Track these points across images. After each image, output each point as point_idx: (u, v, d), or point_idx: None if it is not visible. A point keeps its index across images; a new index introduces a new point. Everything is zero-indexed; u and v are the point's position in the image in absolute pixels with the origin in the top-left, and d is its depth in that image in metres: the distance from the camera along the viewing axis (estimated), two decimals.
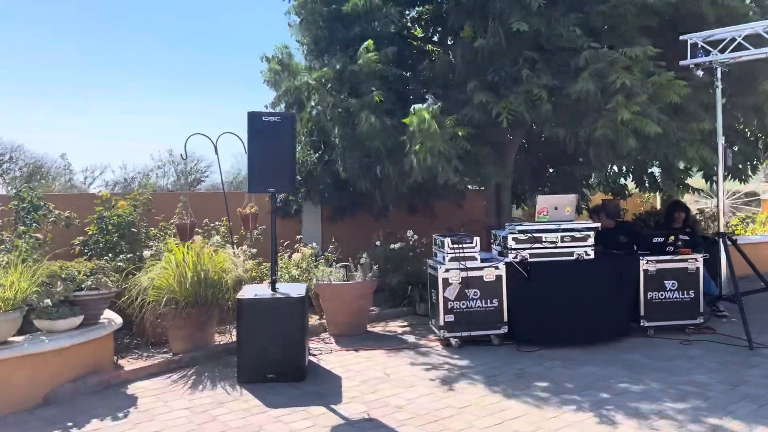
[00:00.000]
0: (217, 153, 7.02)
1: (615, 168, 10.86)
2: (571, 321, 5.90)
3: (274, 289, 5.35)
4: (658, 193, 11.11)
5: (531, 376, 5.06)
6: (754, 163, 8.47)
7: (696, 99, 6.74)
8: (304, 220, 9.32)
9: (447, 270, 5.96)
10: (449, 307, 5.96)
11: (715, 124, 6.42)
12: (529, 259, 6.04)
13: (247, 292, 5.33)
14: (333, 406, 4.50)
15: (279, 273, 7.05)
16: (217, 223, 7.39)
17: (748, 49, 6.17)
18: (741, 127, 8.33)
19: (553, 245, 6.07)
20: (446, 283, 5.96)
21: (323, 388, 4.92)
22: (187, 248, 5.95)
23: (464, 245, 6.00)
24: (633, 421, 4.07)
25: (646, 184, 10.61)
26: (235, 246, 6.97)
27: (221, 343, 6.15)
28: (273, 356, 5.08)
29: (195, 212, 6.90)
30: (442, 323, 5.96)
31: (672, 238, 6.26)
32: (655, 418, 4.10)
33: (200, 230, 7.01)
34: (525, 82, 6.58)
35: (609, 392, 4.63)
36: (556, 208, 6.07)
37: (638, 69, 6.28)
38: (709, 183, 9.23)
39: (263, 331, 5.07)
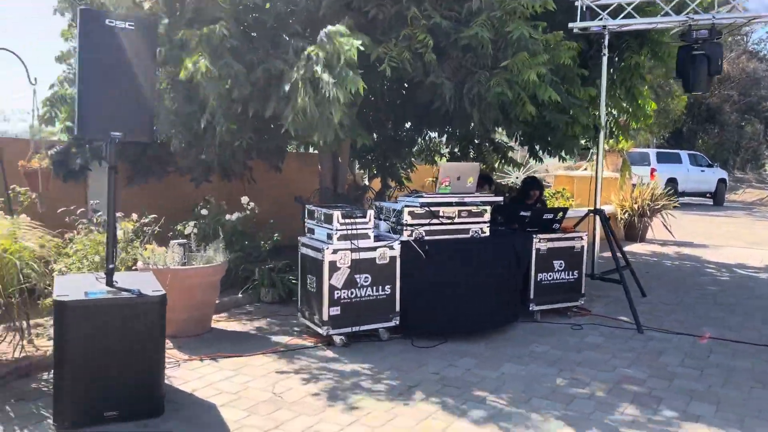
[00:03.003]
0: None
1: (435, 135, 10.47)
2: (470, 308, 5.11)
3: (111, 283, 3.59)
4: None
5: (455, 383, 4.13)
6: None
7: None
8: (91, 182, 7.14)
9: (335, 251, 4.72)
10: (336, 297, 4.74)
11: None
12: (425, 237, 5.09)
13: (66, 287, 3.49)
14: None
15: (84, 254, 5.11)
16: None
17: (634, 17, 5.92)
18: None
19: (450, 221, 5.20)
20: (333, 267, 4.72)
21: (200, 429, 3.40)
22: None
23: (357, 220, 4.81)
24: None
25: (471, 155, 10.41)
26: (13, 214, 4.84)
27: (3, 361, 4.13)
28: (115, 385, 3.39)
29: None
30: (326, 317, 4.72)
31: (561, 214, 5.83)
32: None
33: None
34: (411, 24, 5.54)
35: (559, 401, 3.91)
36: (458, 178, 5.18)
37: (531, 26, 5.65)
38: (534, 159, 9.22)
39: (100, 349, 3.34)
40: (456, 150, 10.19)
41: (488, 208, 5.35)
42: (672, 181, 18.80)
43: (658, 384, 4.22)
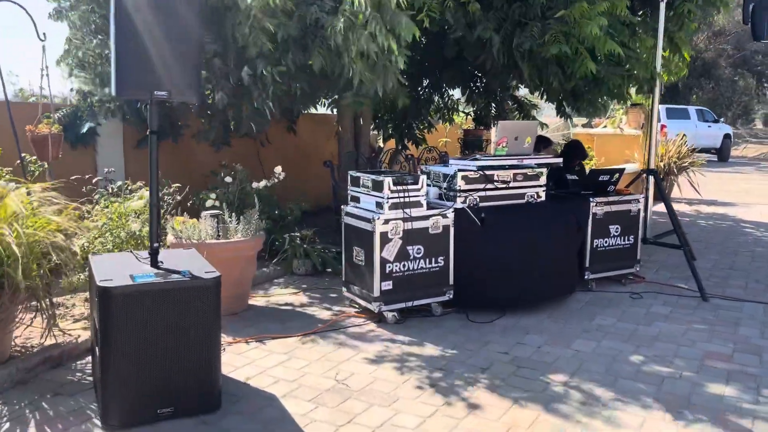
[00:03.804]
0: None
1: (454, 93, 9.96)
2: (530, 279, 4.73)
3: (156, 264, 3.17)
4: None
5: (530, 365, 3.79)
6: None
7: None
8: (100, 147, 6.64)
9: (386, 221, 4.31)
10: (387, 270, 4.35)
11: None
12: (480, 204, 4.69)
13: (108, 270, 3.07)
14: None
15: (108, 228, 4.68)
16: None
17: None
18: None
19: (505, 185, 4.79)
20: (385, 238, 4.32)
21: (265, 426, 3.03)
22: None
23: (408, 187, 4.39)
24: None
25: (493, 113, 9.92)
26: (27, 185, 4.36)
27: (30, 348, 3.73)
28: (168, 378, 3.00)
29: None
30: (377, 293, 4.34)
31: (617, 175, 5.43)
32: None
33: None
34: None
35: (648, 382, 3.57)
36: (516, 138, 4.75)
37: None
38: (564, 118, 8.79)
39: (151, 339, 2.95)
40: (477, 109, 9.72)
41: (544, 171, 4.94)
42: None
43: (748, 360, 3.89)
